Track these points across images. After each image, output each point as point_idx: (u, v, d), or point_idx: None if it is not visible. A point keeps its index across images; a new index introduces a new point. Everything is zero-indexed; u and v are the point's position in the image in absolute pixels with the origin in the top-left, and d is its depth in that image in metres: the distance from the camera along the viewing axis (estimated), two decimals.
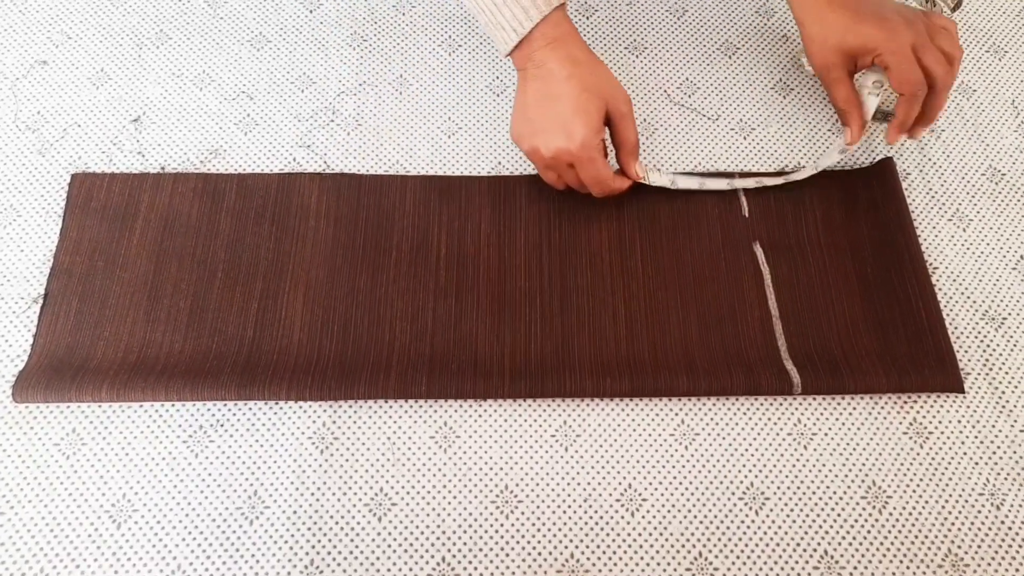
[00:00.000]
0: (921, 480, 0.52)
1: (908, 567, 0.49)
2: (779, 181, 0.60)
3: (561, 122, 0.53)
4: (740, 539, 0.50)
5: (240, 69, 0.66)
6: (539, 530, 0.50)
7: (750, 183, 0.61)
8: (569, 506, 0.51)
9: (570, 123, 0.53)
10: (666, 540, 0.50)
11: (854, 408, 0.54)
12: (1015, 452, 0.53)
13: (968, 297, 0.58)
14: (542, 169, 0.57)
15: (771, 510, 0.51)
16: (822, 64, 0.58)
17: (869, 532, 0.50)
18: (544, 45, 0.53)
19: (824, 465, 0.52)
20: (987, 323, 0.57)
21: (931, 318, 0.55)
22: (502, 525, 0.50)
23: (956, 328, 0.57)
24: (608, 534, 0.50)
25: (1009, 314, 0.58)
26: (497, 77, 0.67)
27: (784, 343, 0.55)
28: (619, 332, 0.55)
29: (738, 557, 0.49)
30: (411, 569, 0.49)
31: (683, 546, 0.50)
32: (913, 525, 0.50)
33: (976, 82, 0.68)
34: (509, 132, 0.57)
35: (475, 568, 0.49)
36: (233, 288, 0.56)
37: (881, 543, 0.50)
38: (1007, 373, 0.55)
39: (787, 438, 0.53)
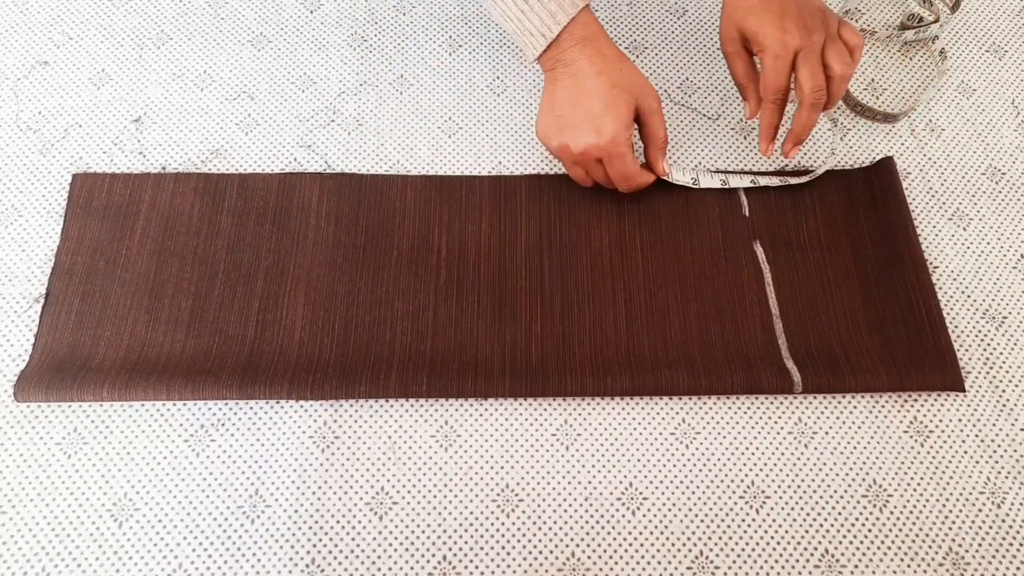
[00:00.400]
0: (922, 479, 0.52)
1: (909, 565, 0.49)
2: (804, 180, 0.60)
3: (591, 118, 0.53)
4: (741, 538, 0.50)
5: (241, 69, 0.66)
6: (540, 529, 0.50)
7: (774, 180, 0.60)
8: (570, 505, 0.51)
9: (600, 119, 0.53)
10: (667, 539, 0.50)
11: (855, 407, 0.54)
12: (1016, 451, 0.53)
13: (968, 296, 0.58)
14: (569, 166, 0.57)
15: (772, 509, 0.51)
16: (724, 36, 0.57)
17: (870, 531, 0.50)
18: (573, 44, 0.53)
19: (825, 464, 0.52)
20: (987, 322, 0.57)
21: (931, 317, 0.55)
22: (503, 524, 0.50)
23: (956, 327, 0.57)
24: (609, 533, 0.50)
25: (1009, 313, 0.58)
26: (497, 77, 0.67)
27: (784, 342, 0.55)
28: (619, 331, 0.55)
29: (739, 556, 0.49)
30: (412, 568, 0.49)
31: (684, 545, 0.50)
32: (914, 524, 0.50)
33: (976, 81, 0.68)
34: (535, 131, 0.57)
35: (476, 567, 0.49)
36: (234, 288, 0.56)
37: (882, 542, 0.50)
38: (1007, 372, 0.55)
39: (788, 437, 0.53)
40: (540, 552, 0.49)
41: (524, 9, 0.52)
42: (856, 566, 0.49)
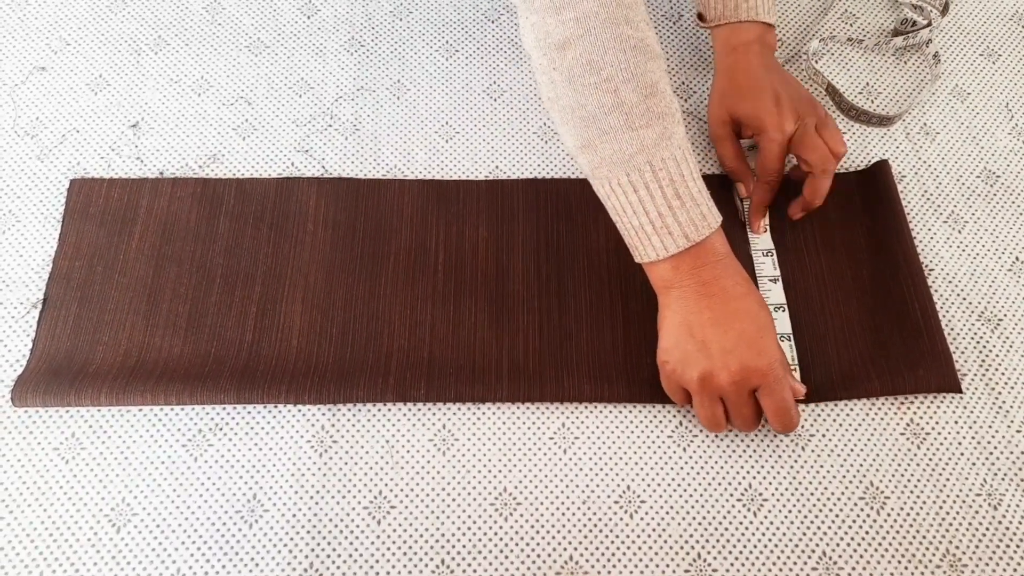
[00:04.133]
0: (919, 481, 0.52)
1: (906, 567, 0.49)
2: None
3: (748, 340, 0.48)
4: (738, 540, 0.50)
5: (238, 74, 0.67)
6: (538, 532, 0.50)
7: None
8: (568, 508, 0.51)
9: (760, 340, 0.48)
10: (664, 542, 0.50)
11: (851, 409, 0.54)
12: (1012, 452, 0.53)
13: (964, 299, 0.58)
14: (708, 401, 0.49)
15: (769, 511, 0.51)
16: (714, 119, 0.61)
17: (867, 533, 0.50)
18: (714, 261, 0.48)
19: (822, 466, 0.52)
20: (983, 324, 0.57)
21: (927, 319, 0.55)
22: (501, 527, 0.50)
23: (952, 329, 0.57)
24: (607, 536, 0.50)
25: (1005, 315, 0.58)
26: (494, 82, 0.67)
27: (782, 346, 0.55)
28: (616, 335, 0.56)
29: (736, 558, 0.49)
30: (410, 572, 0.49)
31: (682, 548, 0.50)
32: (911, 526, 0.50)
33: (970, 85, 0.68)
34: (657, 358, 0.51)
35: (474, 570, 0.49)
36: (232, 292, 0.56)
37: (879, 544, 0.50)
38: (1003, 374, 0.56)
39: (785, 439, 0.53)
40: (538, 555, 0.49)
41: (673, 205, 0.46)
42: (854, 568, 0.49)
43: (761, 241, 0.59)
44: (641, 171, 0.46)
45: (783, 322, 0.56)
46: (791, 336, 0.55)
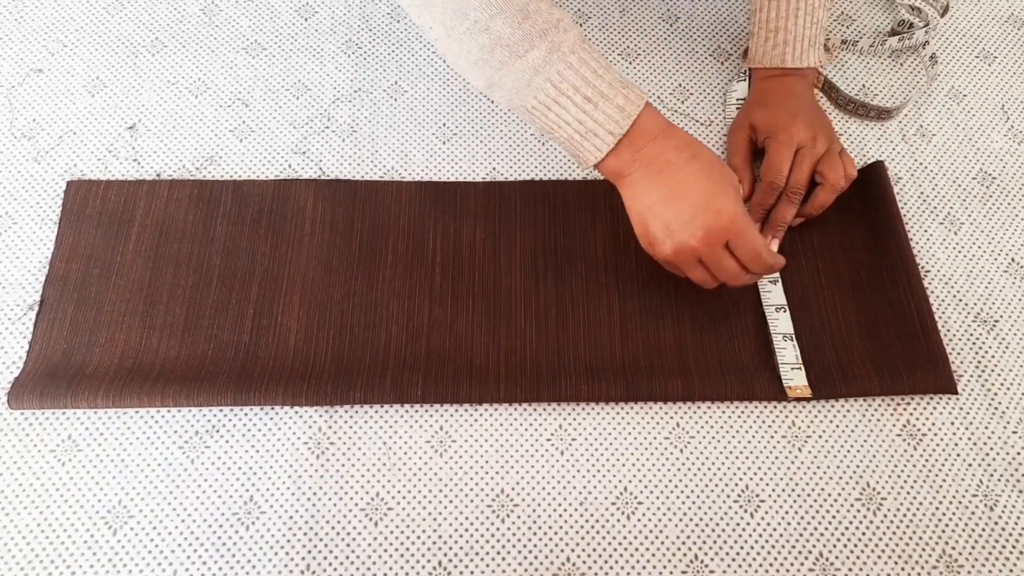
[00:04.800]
0: (915, 482, 0.52)
1: (903, 568, 0.49)
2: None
3: (704, 204, 0.49)
4: (735, 542, 0.50)
5: (235, 76, 0.67)
6: (535, 534, 0.50)
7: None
8: (565, 510, 0.51)
9: (715, 201, 0.49)
10: (662, 543, 0.50)
11: (848, 410, 0.54)
12: (1008, 453, 0.53)
13: (960, 300, 0.59)
14: (692, 267, 0.51)
15: (766, 512, 0.51)
16: (734, 125, 0.64)
17: (864, 534, 0.50)
18: (650, 140, 0.49)
19: (819, 467, 0.52)
20: (979, 325, 0.58)
21: (923, 320, 0.55)
22: (498, 529, 0.50)
23: (948, 331, 0.57)
24: (604, 537, 0.50)
25: (1001, 316, 0.58)
26: None
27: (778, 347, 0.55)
28: (614, 336, 0.56)
29: (733, 560, 0.49)
30: (407, 573, 0.49)
31: (679, 549, 0.50)
32: (907, 526, 0.51)
33: (966, 87, 0.69)
34: (641, 244, 0.52)
35: (471, 572, 0.49)
36: (229, 294, 0.56)
37: (876, 544, 0.50)
38: (999, 375, 0.56)
39: (781, 440, 0.53)
40: (535, 557, 0.49)
41: (587, 109, 0.47)
42: (850, 569, 0.49)
43: None
44: (544, 90, 0.47)
45: (785, 322, 0.56)
46: (793, 336, 0.55)
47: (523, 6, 0.45)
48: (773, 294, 0.57)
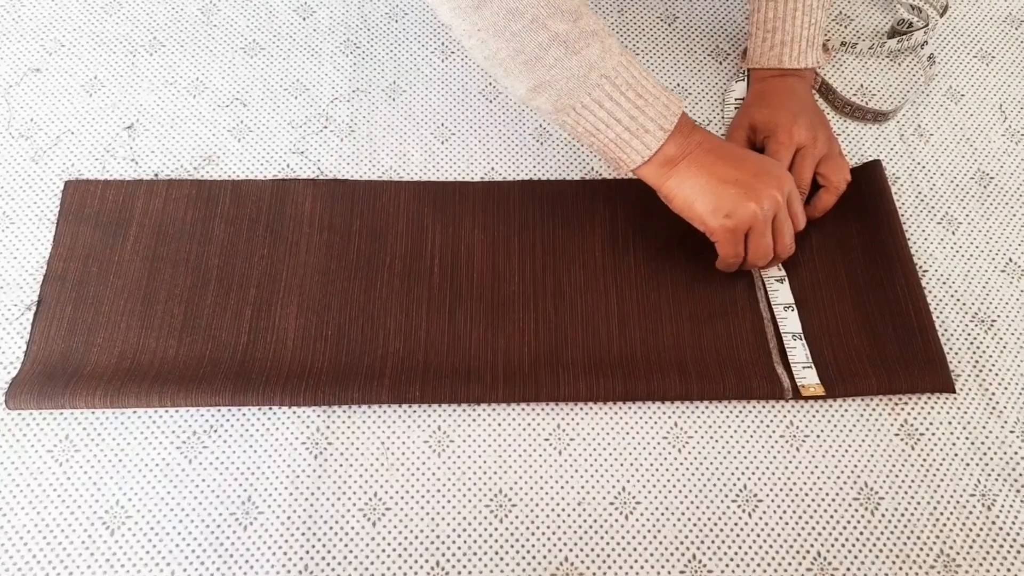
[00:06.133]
0: (913, 481, 0.52)
1: (900, 568, 0.49)
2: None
3: (762, 173, 0.52)
4: (733, 541, 0.50)
5: (234, 76, 0.67)
6: (533, 534, 0.50)
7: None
8: (563, 509, 0.51)
9: (770, 169, 0.53)
10: (660, 543, 0.50)
11: (846, 410, 0.54)
12: (1005, 453, 0.53)
13: (958, 299, 0.59)
14: (736, 240, 0.53)
15: (764, 512, 0.51)
16: (734, 124, 0.64)
17: (861, 533, 0.50)
18: (693, 128, 0.52)
19: (816, 467, 0.52)
20: (977, 325, 0.58)
21: (921, 319, 0.55)
22: (496, 529, 0.50)
23: (946, 330, 0.57)
24: (602, 537, 0.50)
25: (998, 316, 0.58)
26: (490, 83, 0.67)
27: (775, 347, 0.55)
28: (612, 335, 0.56)
29: (731, 559, 0.49)
30: (405, 573, 0.49)
31: (676, 549, 0.50)
32: (905, 526, 0.51)
33: (964, 86, 0.69)
34: (706, 224, 0.53)
35: (469, 572, 0.49)
36: (227, 294, 0.56)
37: (873, 544, 0.50)
38: (997, 375, 0.56)
39: (779, 440, 0.53)
40: (533, 557, 0.49)
41: (640, 105, 0.49)
42: (848, 569, 0.49)
43: None
44: (600, 86, 0.48)
45: (793, 321, 0.56)
46: (802, 336, 0.55)
47: (576, 7, 0.47)
48: (780, 292, 0.57)
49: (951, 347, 0.57)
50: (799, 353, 0.55)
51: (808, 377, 0.54)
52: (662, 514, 0.51)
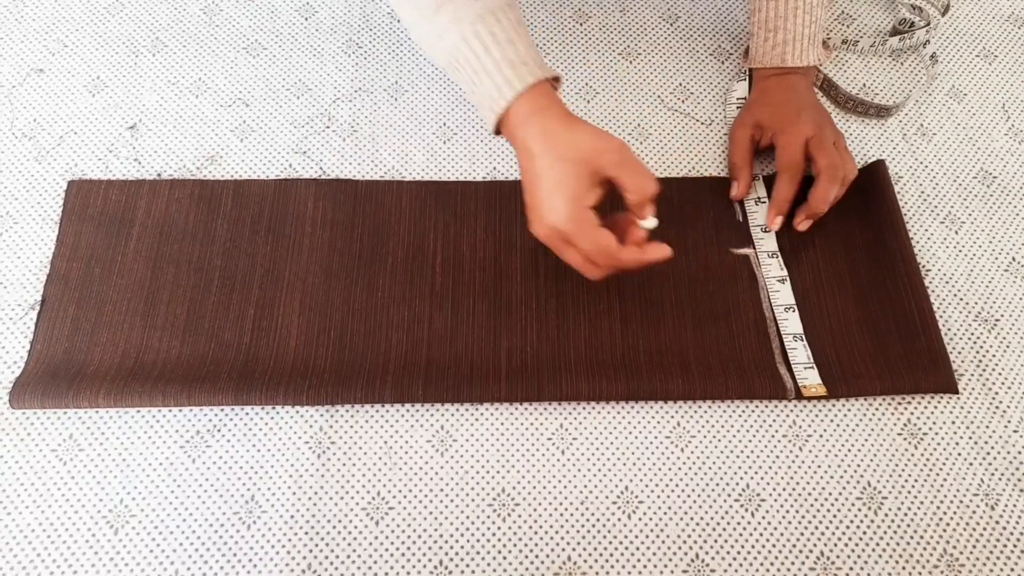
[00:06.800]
0: (916, 481, 0.52)
1: (904, 567, 0.49)
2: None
3: (545, 200, 0.48)
4: (736, 541, 0.50)
5: (236, 76, 0.67)
6: (536, 533, 0.50)
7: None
8: (566, 509, 0.51)
9: (551, 199, 0.48)
10: (663, 542, 0.50)
11: (849, 409, 0.54)
12: (1009, 452, 0.53)
13: (961, 299, 0.59)
14: (562, 255, 0.51)
15: (767, 512, 0.51)
16: (738, 122, 0.63)
17: (865, 533, 0.50)
18: (520, 123, 0.48)
19: (819, 467, 0.52)
20: (980, 324, 0.58)
21: (924, 319, 0.55)
22: (499, 528, 0.50)
23: (949, 330, 0.57)
24: (605, 537, 0.50)
25: (1002, 316, 0.58)
26: None
27: (778, 347, 0.55)
28: (615, 335, 0.56)
29: (735, 559, 0.49)
30: (408, 573, 0.49)
31: (680, 548, 0.50)
32: (908, 526, 0.51)
33: (967, 86, 0.69)
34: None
35: (472, 571, 0.49)
36: (230, 294, 0.56)
37: (877, 544, 0.50)
38: (1000, 374, 0.56)
39: (782, 440, 0.53)
40: (536, 556, 0.49)
41: (474, 78, 0.48)
42: (851, 568, 0.49)
43: (766, 243, 0.59)
44: (504, 13, 0.48)
45: (794, 322, 0.56)
46: (803, 336, 0.55)
47: None
48: (782, 293, 0.57)
49: (954, 346, 0.56)
50: (800, 354, 0.55)
51: (810, 378, 0.54)
52: (665, 513, 0.51)
